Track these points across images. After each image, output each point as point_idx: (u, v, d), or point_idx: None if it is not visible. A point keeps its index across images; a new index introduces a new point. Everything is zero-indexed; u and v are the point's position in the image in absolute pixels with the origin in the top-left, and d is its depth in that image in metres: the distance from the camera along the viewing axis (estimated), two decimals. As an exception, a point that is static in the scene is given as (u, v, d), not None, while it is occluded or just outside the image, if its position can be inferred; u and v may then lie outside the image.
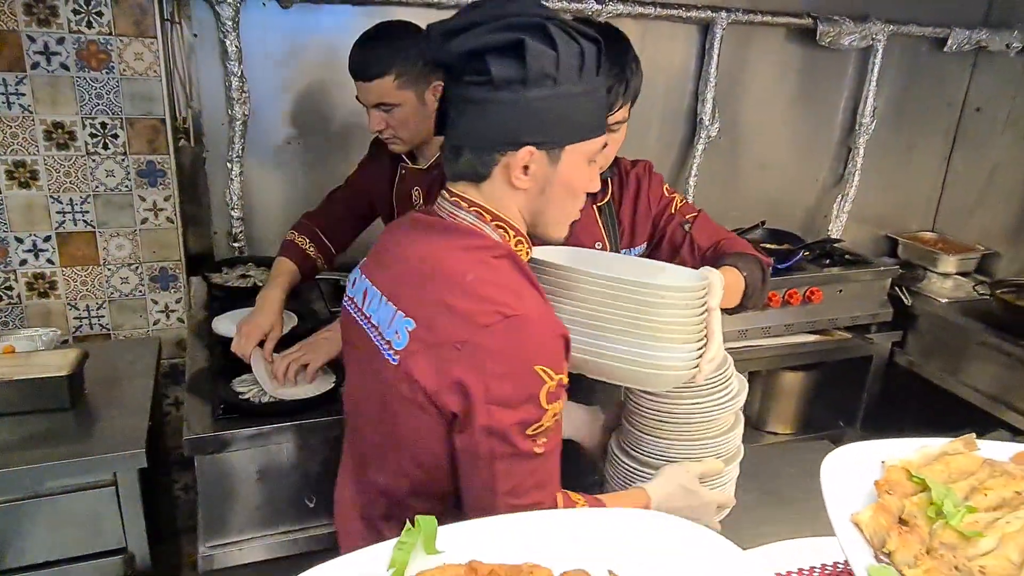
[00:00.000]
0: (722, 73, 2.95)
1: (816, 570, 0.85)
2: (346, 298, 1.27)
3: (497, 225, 1.13)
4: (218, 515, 1.74)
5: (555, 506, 1.08)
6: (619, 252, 1.71)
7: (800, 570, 0.87)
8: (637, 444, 1.34)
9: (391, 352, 1.07)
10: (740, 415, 1.38)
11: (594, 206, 1.71)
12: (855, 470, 0.66)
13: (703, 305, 1.21)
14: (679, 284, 1.20)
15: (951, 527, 0.60)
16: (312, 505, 1.79)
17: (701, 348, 1.20)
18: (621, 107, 1.53)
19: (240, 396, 1.74)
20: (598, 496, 1.19)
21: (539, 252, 1.25)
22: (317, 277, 2.51)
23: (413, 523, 0.70)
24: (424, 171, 1.95)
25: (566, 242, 1.26)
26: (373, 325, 1.14)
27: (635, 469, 1.34)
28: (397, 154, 1.97)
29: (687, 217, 1.76)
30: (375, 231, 2.37)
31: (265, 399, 1.73)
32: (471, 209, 1.12)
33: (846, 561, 0.64)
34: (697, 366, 1.20)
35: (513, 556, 0.68)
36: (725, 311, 1.36)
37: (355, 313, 1.21)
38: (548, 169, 1.09)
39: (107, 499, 1.80)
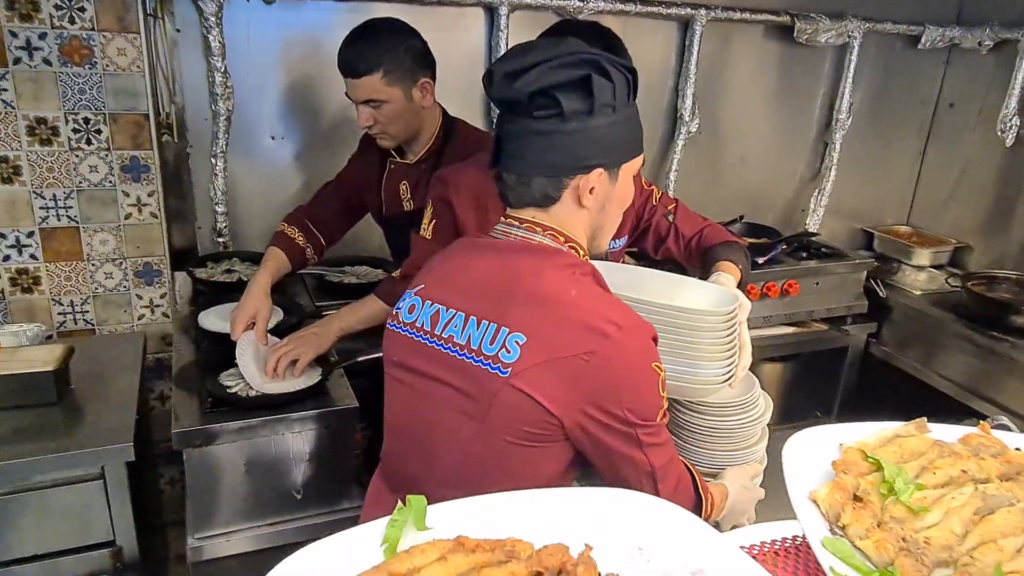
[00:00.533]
0: (702, 70, 2.99)
1: (777, 543, 0.90)
2: (401, 324, 1.30)
3: (570, 245, 1.25)
4: (206, 507, 1.76)
5: (690, 476, 1.29)
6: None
7: (763, 543, 0.92)
8: (684, 453, 1.49)
9: (499, 366, 1.14)
10: (766, 429, 1.57)
11: None
12: (815, 452, 0.70)
13: (735, 322, 1.38)
14: (719, 308, 1.38)
15: (901, 503, 0.64)
16: (299, 497, 1.82)
17: (735, 358, 1.39)
18: None
19: (228, 390, 1.76)
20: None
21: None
22: (301, 272, 2.54)
23: None
24: (412, 166, 1.99)
25: None
26: (459, 344, 1.19)
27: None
28: (386, 149, 2.00)
29: (668, 208, 1.83)
30: (364, 226, 2.41)
31: (253, 393, 1.75)
32: (547, 233, 1.23)
33: (804, 535, 0.69)
34: (733, 374, 1.39)
35: (497, 532, 0.74)
36: None
37: (421, 337, 1.26)
38: (608, 187, 1.24)
39: (95, 492, 1.82)
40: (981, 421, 0.83)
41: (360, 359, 1.93)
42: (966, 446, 0.77)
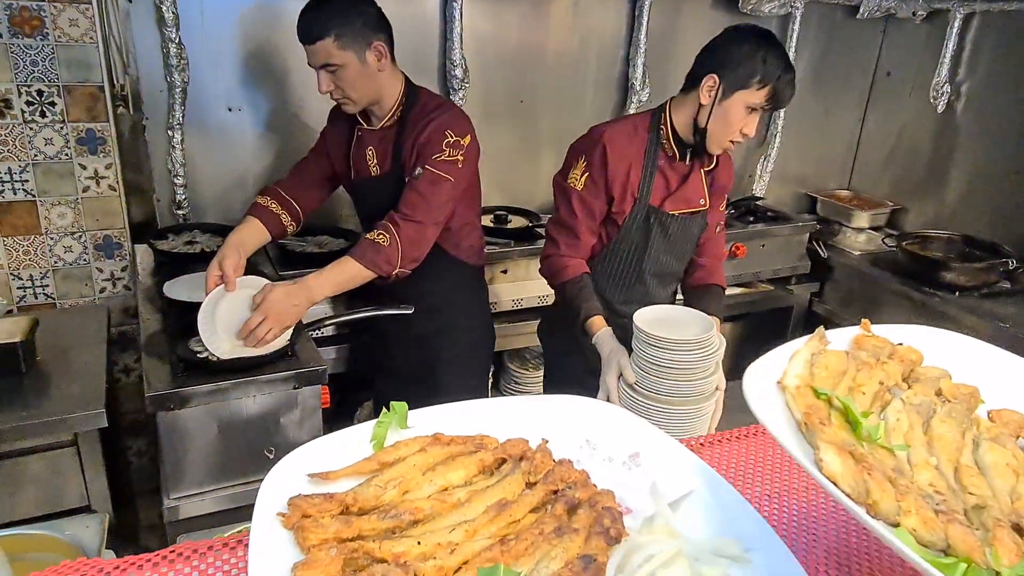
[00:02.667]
0: (651, 40, 3.08)
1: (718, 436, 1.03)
2: None
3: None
4: (181, 468, 1.81)
5: None
6: (707, 209, 2.06)
7: (701, 436, 1.05)
8: (652, 385, 1.64)
9: None
10: (719, 364, 1.70)
11: (703, 171, 2.01)
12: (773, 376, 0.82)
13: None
14: (720, 345, 1.66)
15: (880, 445, 0.74)
16: (272, 456, 1.88)
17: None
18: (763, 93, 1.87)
19: (198, 354, 1.81)
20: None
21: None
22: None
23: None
24: (377, 131, 2.06)
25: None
26: None
27: (637, 400, 1.68)
28: (354, 118, 2.06)
29: (720, 222, 2.13)
30: (338, 198, 2.44)
31: (223, 356, 1.80)
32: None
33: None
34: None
35: (468, 431, 0.87)
36: None
37: None
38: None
39: (69, 459, 1.86)
40: (863, 319, 0.94)
41: (327, 323, 1.98)
42: (862, 350, 0.88)
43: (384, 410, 0.87)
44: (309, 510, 0.73)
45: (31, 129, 2.27)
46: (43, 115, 2.28)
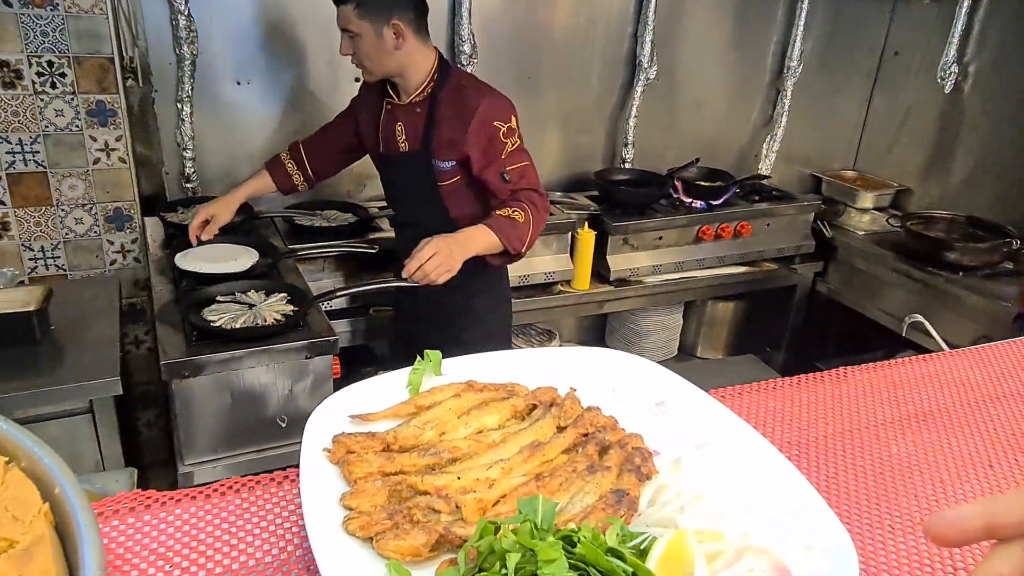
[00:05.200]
0: (660, 17, 3.07)
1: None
2: None
3: None
4: (194, 436, 1.84)
5: None
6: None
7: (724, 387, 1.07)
8: None
9: None
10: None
11: None
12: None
13: None
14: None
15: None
16: (284, 425, 1.91)
17: None
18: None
19: (212, 323, 1.83)
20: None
21: None
22: (271, 215, 2.59)
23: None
24: (406, 107, 2.06)
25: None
26: None
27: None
28: (384, 89, 2.07)
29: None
30: (362, 167, 2.46)
31: (237, 325, 1.82)
32: None
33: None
34: None
35: (500, 379, 0.91)
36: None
37: None
38: None
39: (84, 426, 1.89)
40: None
41: (338, 294, 2.01)
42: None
43: (419, 358, 0.91)
44: (353, 446, 0.77)
45: (42, 100, 2.28)
46: (53, 86, 2.28)
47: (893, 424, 1.01)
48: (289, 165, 2.23)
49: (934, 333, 1.37)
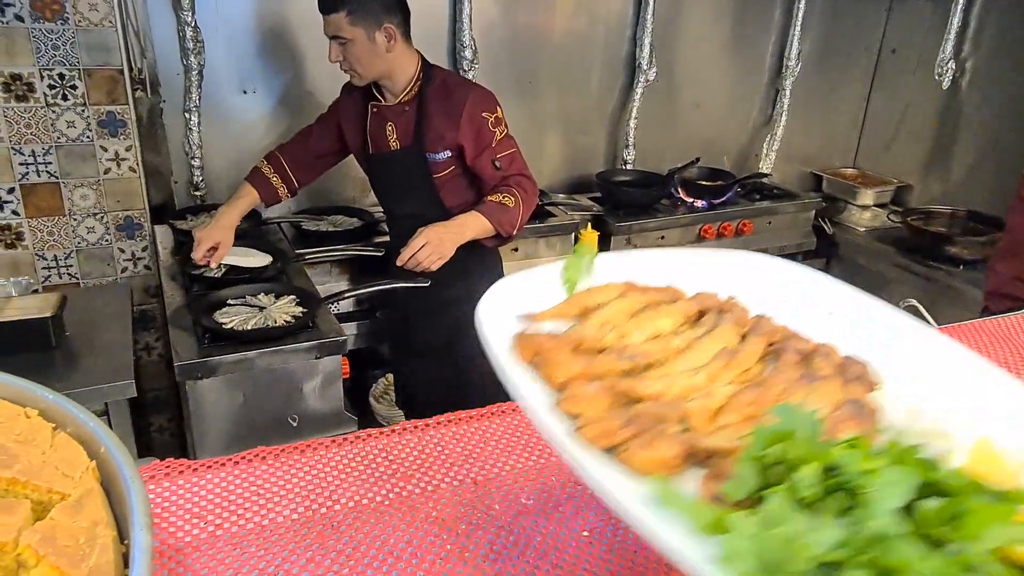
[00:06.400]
0: (658, 19, 3.11)
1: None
2: None
3: None
4: (207, 436, 1.88)
5: None
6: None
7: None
8: None
9: None
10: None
11: None
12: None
13: None
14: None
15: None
16: (295, 425, 1.95)
17: None
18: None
19: (224, 325, 1.87)
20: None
21: None
22: (279, 220, 2.64)
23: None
24: (395, 107, 2.12)
25: None
26: None
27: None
28: (368, 93, 2.12)
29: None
30: (339, 176, 2.50)
31: (248, 327, 1.86)
32: None
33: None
34: None
35: (657, 282, 0.81)
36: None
37: None
38: None
39: (99, 428, 1.92)
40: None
41: (347, 295, 2.05)
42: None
43: (574, 248, 0.82)
44: (546, 348, 0.66)
45: (53, 112, 2.33)
46: (65, 98, 2.33)
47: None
48: (274, 179, 2.25)
49: (928, 317, 1.39)
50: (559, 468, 0.86)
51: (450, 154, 2.12)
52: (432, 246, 2.02)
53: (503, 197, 2.11)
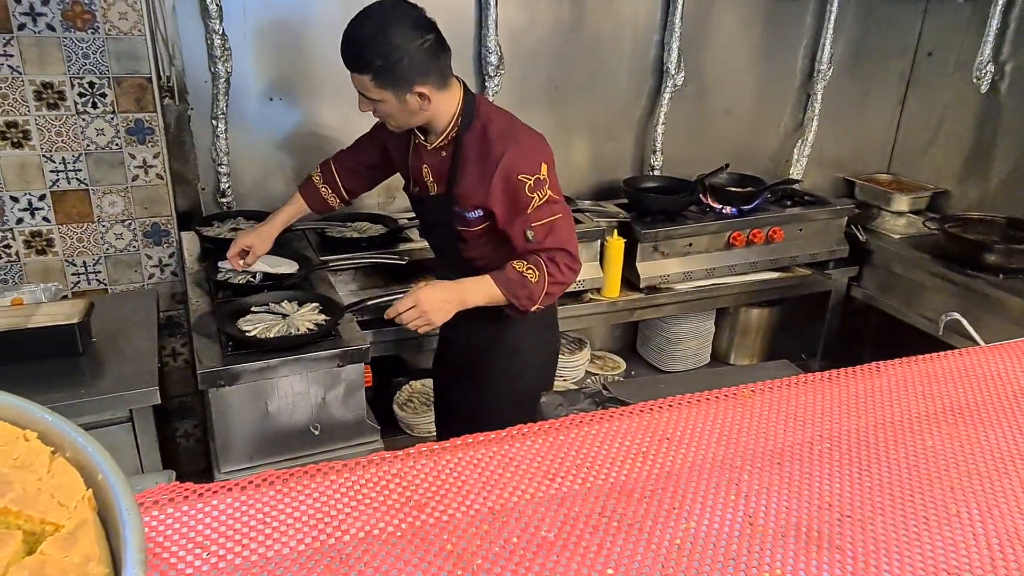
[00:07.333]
0: (686, 23, 3.07)
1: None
2: None
3: None
4: (231, 444, 1.87)
5: None
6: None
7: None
8: None
9: None
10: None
11: None
12: None
13: None
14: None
15: None
16: (318, 433, 1.94)
17: None
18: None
19: (247, 333, 1.87)
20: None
21: None
22: (302, 228, 2.63)
23: None
24: (432, 150, 1.94)
25: None
26: None
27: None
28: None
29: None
30: (390, 179, 2.46)
31: (271, 335, 1.86)
32: None
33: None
34: None
35: None
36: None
37: None
38: None
39: (124, 435, 1.93)
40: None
41: (369, 303, 2.03)
42: None
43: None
44: None
45: (83, 120, 2.36)
46: (94, 106, 2.36)
47: (928, 418, 1.00)
48: (323, 189, 2.22)
49: (972, 331, 1.33)
50: (583, 497, 0.82)
51: (481, 214, 1.91)
52: (419, 311, 1.82)
53: (528, 268, 1.84)
